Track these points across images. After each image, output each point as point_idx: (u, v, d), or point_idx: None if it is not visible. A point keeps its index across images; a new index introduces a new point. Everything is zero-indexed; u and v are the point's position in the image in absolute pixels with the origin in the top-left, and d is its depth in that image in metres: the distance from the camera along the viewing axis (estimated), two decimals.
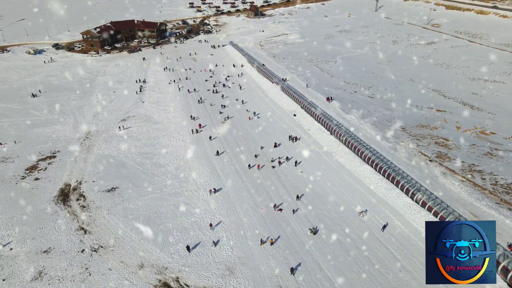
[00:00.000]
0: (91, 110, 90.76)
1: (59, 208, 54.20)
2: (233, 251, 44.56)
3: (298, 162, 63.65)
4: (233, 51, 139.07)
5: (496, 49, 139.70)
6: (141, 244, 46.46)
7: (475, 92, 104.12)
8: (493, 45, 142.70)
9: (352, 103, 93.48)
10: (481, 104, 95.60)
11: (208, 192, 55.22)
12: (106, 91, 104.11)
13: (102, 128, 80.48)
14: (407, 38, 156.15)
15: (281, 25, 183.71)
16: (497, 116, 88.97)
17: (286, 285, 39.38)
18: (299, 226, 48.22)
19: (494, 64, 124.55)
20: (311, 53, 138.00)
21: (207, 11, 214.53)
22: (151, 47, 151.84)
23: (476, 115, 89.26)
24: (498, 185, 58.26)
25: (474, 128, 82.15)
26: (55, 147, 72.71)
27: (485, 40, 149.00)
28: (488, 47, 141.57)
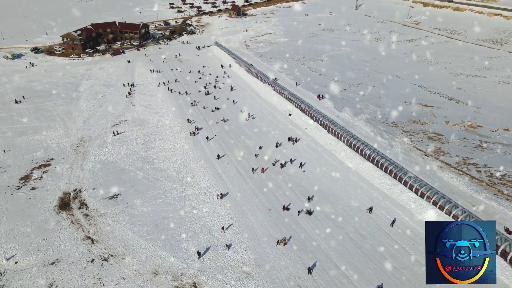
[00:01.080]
0: (80, 115, 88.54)
1: (61, 218, 52.74)
2: (247, 253, 44.54)
3: (303, 163, 63.69)
4: (219, 52, 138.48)
5: (474, 44, 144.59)
6: (152, 251, 45.82)
7: (458, 87, 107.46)
8: (471, 41, 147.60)
9: (343, 101, 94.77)
10: (465, 98, 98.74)
11: (216, 197, 54.60)
12: (93, 95, 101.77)
13: (95, 134, 78.68)
14: (389, 36, 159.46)
15: (264, 24, 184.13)
16: (481, 109, 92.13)
17: (305, 284, 39.73)
18: (310, 226, 48.64)
19: (473, 59, 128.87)
20: (297, 52, 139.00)
21: (188, 12, 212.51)
22: (135, 49, 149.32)
23: (462, 109, 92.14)
24: (494, 177, 60.46)
25: (462, 122, 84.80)
26: (48, 155, 70.63)
27: (463, 36, 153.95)
28: (466, 43, 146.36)
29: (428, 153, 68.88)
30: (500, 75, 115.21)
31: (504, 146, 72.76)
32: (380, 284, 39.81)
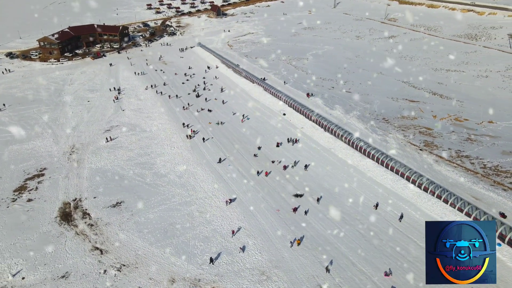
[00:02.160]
0: (68, 122, 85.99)
1: (65, 229, 51.18)
2: (262, 255, 44.63)
3: (307, 165, 63.52)
4: (204, 53, 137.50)
5: (450, 40, 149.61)
6: (165, 258, 45.18)
7: (440, 82, 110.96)
8: (448, 37, 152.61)
9: (333, 99, 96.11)
10: (448, 92, 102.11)
11: (224, 203, 54.19)
12: (79, 100, 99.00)
13: (87, 141, 76.63)
14: (369, 33, 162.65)
15: (245, 24, 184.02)
16: (464, 103, 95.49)
17: (325, 283, 40.20)
18: (320, 225, 49.20)
19: (451, 55, 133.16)
20: (282, 51, 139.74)
21: (167, 12, 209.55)
22: (116, 52, 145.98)
23: (447, 104, 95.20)
24: (487, 168, 62.94)
25: (448, 116, 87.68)
26: (40, 164, 68.30)
27: (439, 32, 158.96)
28: (443, 39, 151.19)
29: (422, 148, 70.91)
30: (478, 69, 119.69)
31: (491, 138, 75.77)
32: (388, 270, 41.21)
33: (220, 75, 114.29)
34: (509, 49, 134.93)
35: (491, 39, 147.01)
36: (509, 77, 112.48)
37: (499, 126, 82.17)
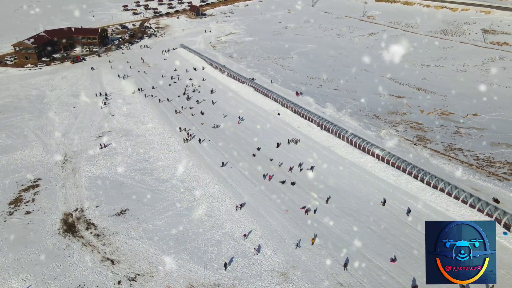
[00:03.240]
0: (56, 129, 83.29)
1: (70, 241, 49.68)
2: (278, 257, 44.83)
3: (313, 167, 63.31)
4: (188, 54, 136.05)
5: (427, 36, 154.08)
6: (180, 265, 44.65)
7: (422, 77, 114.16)
8: (424, 33, 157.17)
9: (322, 97, 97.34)
10: (431, 87, 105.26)
11: (234, 208, 53.62)
12: (64, 107, 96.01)
13: (79, 148, 74.51)
14: (349, 31, 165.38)
15: (225, 24, 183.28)
16: (447, 97, 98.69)
17: (345, 280, 40.86)
18: (331, 223, 49.86)
19: (430, 50, 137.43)
20: (266, 51, 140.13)
21: (144, 14, 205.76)
22: (96, 55, 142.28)
23: (432, 98, 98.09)
24: (480, 160, 65.47)
25: (435, 110, 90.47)
26: (33, 175, 65.95)
27: (416, 28, 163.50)
28: (420, 35, 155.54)
29: (416, 142, 72.94)
30: (457, 63, 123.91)
31: (478, 130, 78.77)
32: (393, 257, 42.61)
33: (208, 77, 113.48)
34: (483, 43, 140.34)
35: (465, 34, 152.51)
36: (486, 70, 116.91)
37: (483, 118, 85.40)
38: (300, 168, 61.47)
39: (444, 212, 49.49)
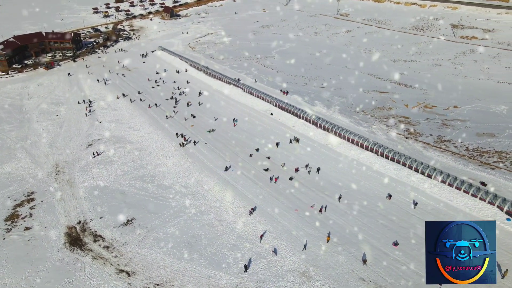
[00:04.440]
0: (42, 139, 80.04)
1: (79, 255, 48.06)
2: (296, 256, 45.29)
3: (319, 168, 62.96)
4: (168, 56, 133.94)
5: (400, 32, 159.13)
6: (199, 272, 44.24)
7: (401, 72, 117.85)
8: (398, 29, 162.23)
9: (310, 95, 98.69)
10: (411, 82, 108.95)
11: (248, 213, 53.29)
12: (46, 115, 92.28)
13: (70, 158, 71.96)
14: (325, 29, 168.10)
15: (201, 24, 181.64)
16: (427, 91, 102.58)
17: (366, 275, 41.87)
18: (342, 220, 50.82)
19: (404, 46, 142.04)
20: (247, 51, 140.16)
21: (116, 16, 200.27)
22: (71, 60, 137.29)
23: (413, 93, 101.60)
24: (470, 150, 68.61)
25: (418, 104, 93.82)
26: (26, 188, 63.20)
27: (389, 25, 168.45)
28: (394, 31, 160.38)
29: (407, 136, 75.45)
30: (431, 58, 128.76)
31: (461, 121, 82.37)
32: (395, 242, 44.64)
33: (192, 79, 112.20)
34: (454, 38, 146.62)
35: (436, 29, 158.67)
36: (459, 64, 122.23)
37: (463, 110, 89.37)
38: (308, 170, 61.73)
39: (448, 203, 51.60)
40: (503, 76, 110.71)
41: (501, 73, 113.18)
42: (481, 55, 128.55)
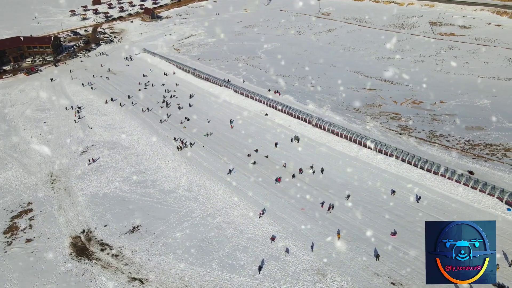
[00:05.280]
0: (32, 147, 77.78)
1: (87, 265, 47.07)
2: (309, 255, 45.79)
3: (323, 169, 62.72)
4: (153, 59, 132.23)
5: (382, 30, 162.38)
6: (214, 276, 44.10)
7: (386, 69, 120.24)
8: (379, 27, 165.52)
9: (300, 94, 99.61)
10: (396, 79, 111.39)
11: (258, 216, 53.15)
12: (33, 122, 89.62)
13: (65, 166, 70.18)
14: (308, 28, 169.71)
15: (184, 26, 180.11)
16: (413, 87, 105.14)
17: (380, 270, 42.75)
18: (349, 217, 51.64)
19: (387, 44, 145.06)
20: (232, 51, 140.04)
21: (95, 18, 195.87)
22: (52, 65, 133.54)
23: (399, 89, 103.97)
24: (462, 144, 70.91)
25: (406, 100, 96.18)
26: (21, 199, 61.36)
27: (370, 23, 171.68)
28: (375, 29, 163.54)
29: (400, 132, 77.29)
30: (413, 55, 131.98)
31: (449, 116, 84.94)
32: (393, 231, 46.62)
33: (181, 81, 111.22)
34: (433, 35, 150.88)
35: (415, 27, 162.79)
36: (441, 60, 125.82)
37: (450, 105, 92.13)
38: (312, 171, 62.19)
39: (449, 196, 53.26)
40: (482, 70, 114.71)
41: (480, 68, 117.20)
42: (460, 51, 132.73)
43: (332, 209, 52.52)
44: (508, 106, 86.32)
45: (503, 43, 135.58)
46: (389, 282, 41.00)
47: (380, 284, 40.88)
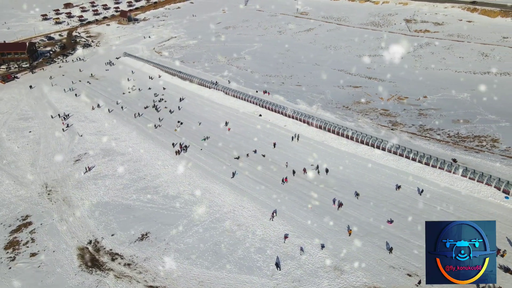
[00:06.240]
0: (20, 158, 75.05)
1: (100, 276, 46.03)
2: (323, 252, 46.61)
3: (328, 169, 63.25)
4: (136, 63, 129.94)
5: (360, 28, 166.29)
6: (233, 278, 44.15)
7: (368, 67, 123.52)
8: (357, 26, 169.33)
9: (290, 94, 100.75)
10: (379, 75, 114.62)
11: (270, 218, 53.07)
12: (17, 132, 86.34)
13: (58, 176, 68.14)
14: (288, 28, 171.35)
15: (162, 28, 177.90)
16: (396, 83, 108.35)
17: (395, 263, 44.03)
18: (357, 213, 52.89)
19: (366, 41, 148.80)
20: (215, 53, 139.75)
21: (68, 22, 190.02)
22: (29, 71, 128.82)
23: (383, 86, 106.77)
24: (452, 137, 73.85)
25: (392, 96, 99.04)
26: (18, 212, 59.20)
27: (348, 22, 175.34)
28: (353, 28, 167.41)
29: (392, 128, 79.61)
30: (392, 52, 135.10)
31: (435, 110, 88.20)
32: (390, 219, 48.76)
33: (168, 85, 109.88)
34: (409, 32, 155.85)
35: (391, 24, 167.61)
36: (419, 56, 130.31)
37: (433, 99, 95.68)
38: (317, 171, 62.92)
39: (450, 187, 55.48)
40: (458, 65, 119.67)
41: (456, 63, 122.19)
42: (436, 47, 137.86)
43: (341, 207, 53.44)
44: (487, 99, 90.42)
45: (475, 38, 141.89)
46: (405, 274, 42.36)
47: (397, 276, 42.19)
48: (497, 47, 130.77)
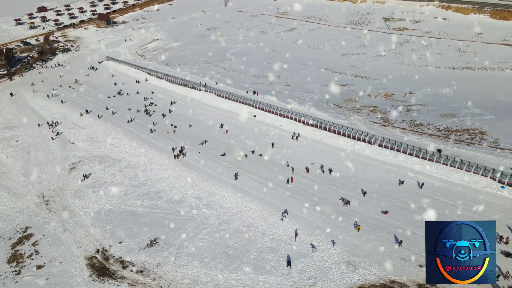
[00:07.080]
0: (11, 169, 72.95)
1: (113, 285, 45.40)
2: (335, 248, 47.60)
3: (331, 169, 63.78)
4: (120, 66, 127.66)
5: (340, 27, 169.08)
6: (249, 279, 44.50)
7: (352, 65, 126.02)
8: (337, 25, 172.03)
9: (280, 93, 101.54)
10: (364, 73, 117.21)
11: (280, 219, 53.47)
12: (4, 142, 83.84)
13: (54, 185, 66.52)
14: (270, 28, 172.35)
15: (143, 30, 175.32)
16: (381, 80, 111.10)
17: (405, 255, 45.40)
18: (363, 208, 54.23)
19: (348, 40, 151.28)
20: (200, 55, 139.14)
21: (44, 26, 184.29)
22: (7, 78, 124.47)
23: (370, 83, 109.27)
24: (442, 131, 76.51)
25: (379, 93, 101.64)
26: (17, 224, 57.60)
27: (329, 21, 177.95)
28: (334, 27, 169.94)
29: (384, 124, 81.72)
30: (374, 50, 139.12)
31: (422, 106, 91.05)
32: (385, 210, 50.97)
33: (156, 88, 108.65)
34: (388, 30, 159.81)
35: (371, 23, 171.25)
36: (400, 53, 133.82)
37: (418, 95, 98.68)
38: (322, 170, 63.74)
39: (448, 180, 57.63)
40: (438, 61, 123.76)
41: (436, 59, 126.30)
42: (416, 44, 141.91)
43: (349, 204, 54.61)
44: (469, 93, 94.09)
45: (451, 35, 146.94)
46: (417, 265, 43.86)
47: (409, 268, 43.65)
48: (472, 43, 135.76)
